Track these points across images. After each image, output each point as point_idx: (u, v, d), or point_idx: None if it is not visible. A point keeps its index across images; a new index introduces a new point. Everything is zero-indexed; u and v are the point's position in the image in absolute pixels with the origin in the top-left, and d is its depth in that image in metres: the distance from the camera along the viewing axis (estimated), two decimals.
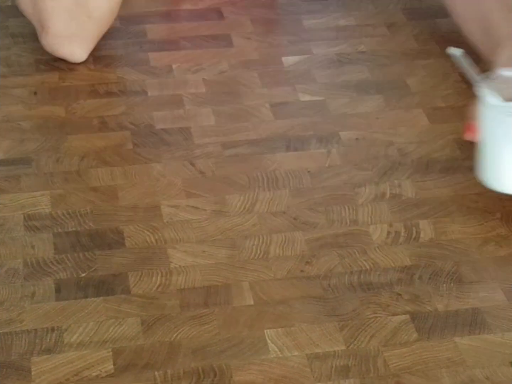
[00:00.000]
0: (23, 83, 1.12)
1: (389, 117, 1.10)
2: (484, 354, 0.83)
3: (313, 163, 1.03)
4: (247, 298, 0.88)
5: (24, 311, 0.85)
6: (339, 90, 1.14)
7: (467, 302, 0.87)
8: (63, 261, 0.91)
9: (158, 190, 0.99)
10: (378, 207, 0.98)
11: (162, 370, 0.81)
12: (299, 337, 0.84)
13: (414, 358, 0.82)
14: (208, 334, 0.84)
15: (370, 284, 0.89)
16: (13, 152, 1.03)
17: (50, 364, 0.81)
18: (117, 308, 0.86)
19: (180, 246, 0.93)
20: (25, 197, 0.98)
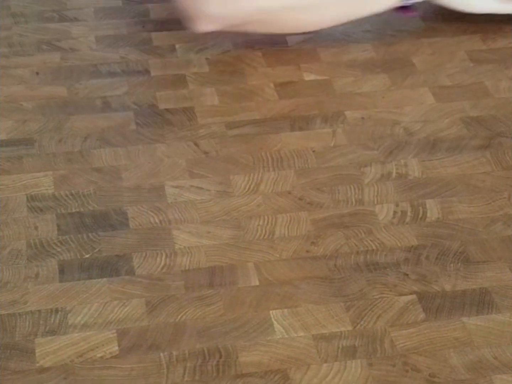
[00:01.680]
0: (25, 64, 1.11)
1: (395, 96, 1.09)
2: (492, 334, 0.82)
3: (318, 142, 1.02)
4: (252, 278, 0.87)
5: (27, 292, 0.85)
6: (344, 69, 1.13)
7: (475, 282, 0.87)
8: (67, 242, 0.90)
9: (161, 171, 0.98)
10: (384, 186, 0.97)
11: (167, 351, 0.80)
12: (305, 318, 0.83)
13: (422, 338, 0.82)
14: (213, 315, 0.83)
15: (376, 264, 0.88)
16: (15, 133, 1.02)
17: (55, 346, 0.80)
18: (121, 289, 0.85)
19: (185, 227, 0.92)
20: (27, 178, 0.97)
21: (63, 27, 1.17)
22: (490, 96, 1.08)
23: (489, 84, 1.09)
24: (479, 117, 1.05)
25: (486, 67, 1.12)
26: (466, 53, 1.14)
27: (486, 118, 1.05)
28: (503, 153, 1.01)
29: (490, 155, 1.00)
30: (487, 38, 1.16)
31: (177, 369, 0.79)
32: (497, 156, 1.00)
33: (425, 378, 0.78)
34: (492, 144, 1.02)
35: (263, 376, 0.78)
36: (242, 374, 0.78)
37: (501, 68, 1.11)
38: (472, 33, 1.18)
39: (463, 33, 1.18)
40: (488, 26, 1.18)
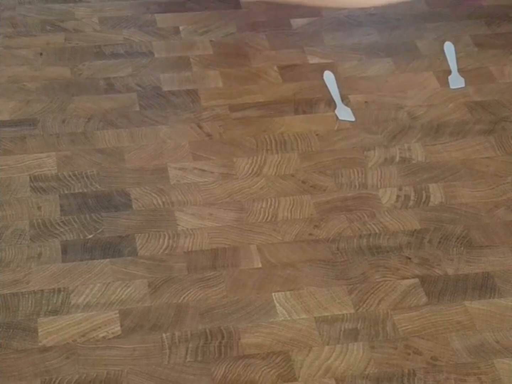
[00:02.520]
0: (28, 44, 1.11)
1: (399, 80, 1.09)
2: (494, 318, 0.82)
3: (322, 126, 1.02)
4: (255, 261, 0.87)
5: (30, 272, 0.85)
6: (348, 53, 1.13)
7: (477, 266, 0.87)
8: (70, 223, 0.90)
9: (165, 153, 0.98)
10: (387, 170, 0.97)
11: (169, 332, 0.80)
12: (307, 300, 0.83)
13: (424, 321, 0.82)
14: (215, 297, 0.83)
15: (379, 248, 0.88)
16: (19, 113, 1.02)
17: (57, 325, 0.80)
18: (124, 270, 0.85)
19: (188, 209, 0.92)
20: (31, 158, 0.97)
21: (67, 8, 1.16)
22: (494, 81, 1.07)
23: (493, 69, 1.09)
24: (483, 102, 1.05)
25: (491, 52, 1.11)
26: (471, 37, 1.14)
27: (490, 103, 1.04)
28: (506, 138, 1.00)
29: (494, 140, 1.00)
30: (491, 23, 1.15)
31: (179, 349, 0.79)
32: (500, 141, 1.00)
33: (426, 361, 0.78)
34: (496, 129, 1.01)
35: (265, 358, 0.79)
36: (244, 355, 0.79)
37: (506, 53, 1.11)
38: (476, 17, 1.17)
39: (468, 17, 1.18)
40: (492, 11, 1.18)
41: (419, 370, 0.78)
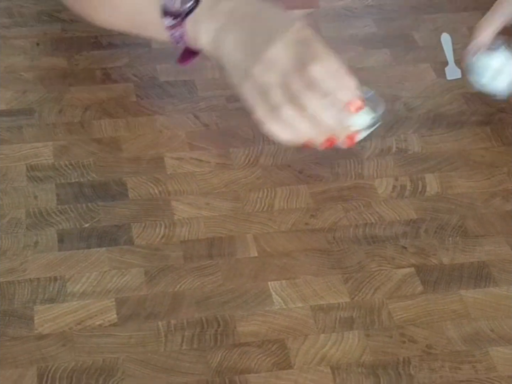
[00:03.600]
0: (25, 34, 1.11)
1: (396, 72, 1.09)
2: (489, 307, 0.82)
3: None
4: (251, 250, 0.87)
5: (26, 260, 0.85)
6: (345, 44, 1.13)
7: (473, 256, 0.87)
8: (66, 212, 0.90)
9: (161, 142, 0.98)
10: (383, 161, 0.97)
11: (165, 320, 0.80)
12: (303, 289, 0.84)
13: (419, 310, 0.82)
14: (211, 285, 0.84)
15: (375, 237, 0.89)
16: (15, 103, 1.02)
17: (53, 313, 0.81)
18: (120, 258, 0.86)
19: (184, 198, 0.92)
20: (27, 147, 0.97)
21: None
22: None
23: None
24: (480, 93, 1.04)
25: None
26: (468, 29, 1.14)
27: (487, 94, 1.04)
28: (503, 129, 1.01)
29: (490, 130, 1.00)
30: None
31: (175, 337, 0.79)
32: (497, 132, 1.00)
33: (421, 349, 0.79)
34: (492, 120, 1.02)
35: (260, 346, 0.79)
36: (240, 344, 0.79)
37: None
38: (473, 9, 1.18)
39: (465, 9, 1.18)
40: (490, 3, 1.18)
41: (414, 358, 0.78)
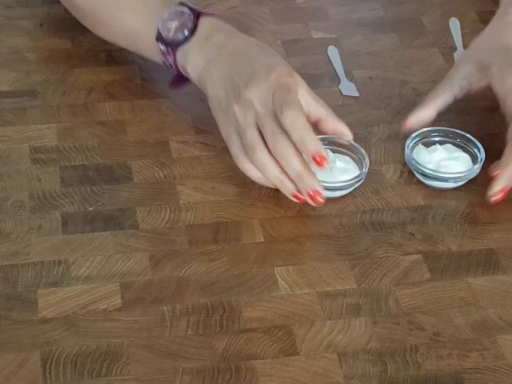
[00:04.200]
0: (29, 15, 1.10)
1: (404, 56, 1.08)
2: (497, 295, 0.81)
3: (326, 101, 0.99)
4: (257, 235, 0.86)
5: (30, 243, 0.84)
6: (352, 28, 1.12)
7: (481, 243, 0.86)
8: (70, 195, 0.89)
9: (166, 126, 0.97)
10: (391, 146, 0.96)
11: (170, 305, 0.80)
12: (309, 275, 0.83)
13: (426, 297, 0.81)
14: (217, 270, 0.83)
15: (382, 224, 0.88)
16: (19, 84, 1.01)
17: (57, 297, 0.80)
18: (125, 242, 0.85)
19: (189, 182, 0.91)
20: (31, 129, 0.96)
21: None
22: None
23: None
24: None
25: None
26: (477, 14, 1.13)
27: None
28: None
29: (498, 116, 0.99)
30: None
31: (181, 322, 0.78)
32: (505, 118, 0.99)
33: (429, 337, 0.78)
34: None
35: (266, 332, 0.78)
36: (245, 329, 0.78)
37: None
38: None
39: None
40: None
41: (422, 346, 0.77)
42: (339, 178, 0.89)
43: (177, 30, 0.93)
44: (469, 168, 0.91)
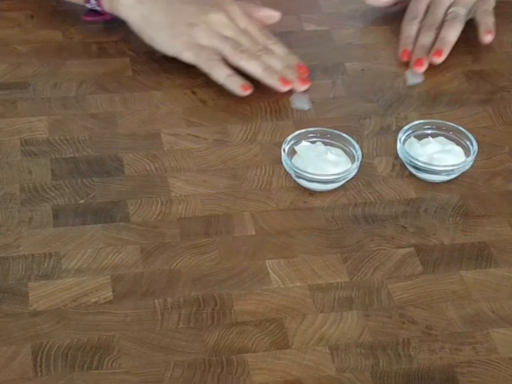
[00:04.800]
0: (19, 7, 1.09)
1: (396, 49, 1.07)
2: (490, 288, 0.81)
3: (318, 94, 1.01)
4: (248, 228, 0.86)
5: (21, 236, 0.84)
6: (345, 20, 1.11)
7: (474, 236, 0.86)
8: (61, 187, 0.88)
9: (158, 118, 0.97)
10: (383, 139, 0.96)
11: (161, 298, 0.79)
12: (301, 268, 0.83)
13: (419, 290, 0.81)
14: (208, 263, 0.83)
15: (374, 217, 0.88)
16: (9, 76, 1.00)
17: (48, 290, 0.79)
18: (116, 235, 0.84)
19: (181, 175, 0.91)
20: (21, 122, 0.95)
21: None
22: (493, 50, 1.06)
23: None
24: (481, 71, 1.04)
25: None
26: None
27: (489, 72, 1.03)
28: (504, 107, 0.99)
29: (491, 109, 0.99)
30: None
31: (172, 316, 0.78)
32: (498, 111, 0.99)
33: (421, 330, 0.78)
34: (493, 98, 1.00)
35: (258, 325, 0.78)
36: (237, 323, 0.78)
37: (505, 22, 1.10)
38: None
39: None
40: None
41: (414, 339, 0.77)
42: (331, 171, 0.89)
43: None
44: (461, 161, 0.91)
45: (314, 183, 0.88)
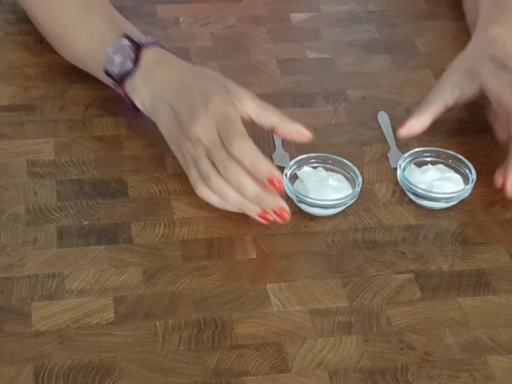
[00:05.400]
0: (29, 31, 1.10)
1: (397, 77, 1.09)
2: (488, 315, 0.82)
3: (319, 120, 1.02)
4: (250, 251, 0.87)
5: (25, 256, 0.85)
6: (347, 49, 1.13)
7: (472, 263, 0.87)
8: (66, 209, 0.90)
9: (162, 142, 0.97)
10: (384, 165, 0.97)
11: (163, 320, 0.80)
12: (301, 292, 0.84)
13: (417, 316, 0.82)
14: (210, 286, 0.84)
15: (374, 242, 0.89)
16: (17, 99, 1.02)
17: (51, 310, 0.80)
18: (119, 257, 0.85)
19: (184, 198, 0.92)
20: (28, 143, 0.97)
21: None
22: None
23: None
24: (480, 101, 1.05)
25: None
26: (469, 37, 1.14)
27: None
28: None
29: (490, 138, 1.00)
30: None
31: (173, 337, 0.79)
32: (497, 140, 1.00)
33: (419, 356, 0.79)
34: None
35: (258, 348, 0.79)
36: (237, 345, 0.79)
37: None
38: None
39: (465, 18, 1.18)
40: None
41: (412, 365, 0.78)
42: (332, 196, 0.90)
43: (121, 64, 0.95)
44: (460, 188, 0.92)
45: (315, 208, 0.90)
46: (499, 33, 1.00)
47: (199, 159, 0.87)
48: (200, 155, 0.87)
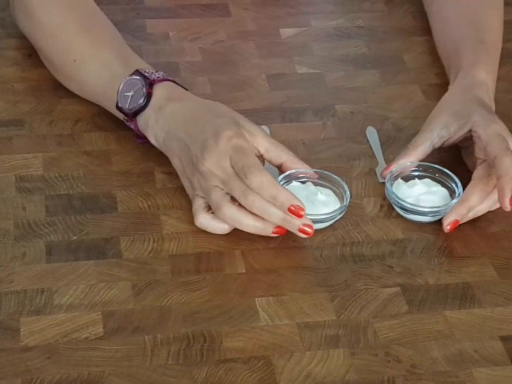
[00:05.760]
0: (17, 45, 1.11)
1: (385, 92, 1.10)
2: (473, 328, 0.83)
3: (308, 135, 1.03)
4: (239, 266, 0.87)
5: (14, 271, 0.85)
6: (336, 64, 1.14)
7: (458, 277, 0.88)
8: (55, 224, 0.90)
9: (151, 157, 0.98)
10: (372, 180, 0.98)
11: (152, 335, 0.81)
12: (289, 306, 0.84)
13: (404, 330, 0.82)
14: (199, 300, 0.84)
15: (362, 256, 0.89)
16: (6, 114, 1.02)
17: (39, 325, 0.81)
18: (108, 271, 0.86)
19: (173, 213, 0.92)
20: (17, 158, 0.97)
21: None
22: None
23: None
24: None
25: None
26: None
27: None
28: None
29: None
30: None
31: (161, 352, 0.79)
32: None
33: (406, 369, 0.79)
34: None
35: (246, 362, 0.79)
36: (225, 359, 0.79)
37: None
38: None
39: None
40: None
41: (399, 378, 0.78)
42: (320, 210, 0.91)
43: (132, 100, 0.95)
44: (447, 202, 0.93)
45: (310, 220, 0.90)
46: (483, 77, 1.01)
47: (210, 189, 0.87)
48: (211, 185, 0.87)
